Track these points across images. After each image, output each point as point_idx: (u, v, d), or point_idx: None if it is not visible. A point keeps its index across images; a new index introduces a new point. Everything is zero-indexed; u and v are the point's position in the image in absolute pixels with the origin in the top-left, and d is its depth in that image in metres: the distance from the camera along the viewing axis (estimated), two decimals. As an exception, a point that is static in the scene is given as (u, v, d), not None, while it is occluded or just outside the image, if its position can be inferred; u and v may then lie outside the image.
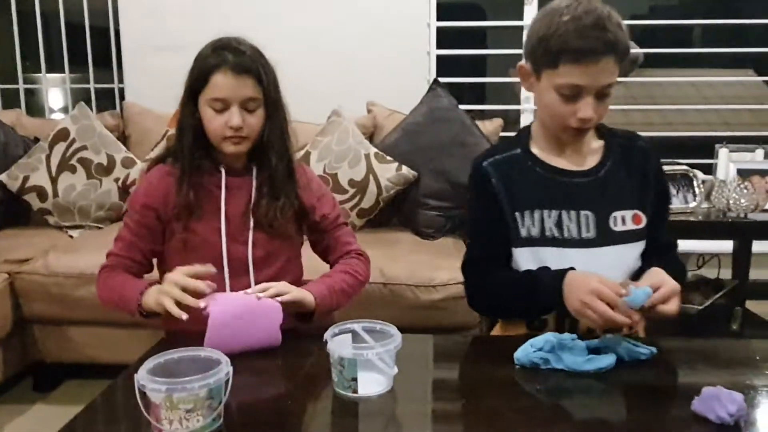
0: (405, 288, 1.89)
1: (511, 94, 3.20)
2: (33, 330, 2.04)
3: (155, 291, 1.16)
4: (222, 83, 1.22)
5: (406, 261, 1.98)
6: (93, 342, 2.03)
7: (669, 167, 2.22)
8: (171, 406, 0.82)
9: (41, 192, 2.39)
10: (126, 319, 1.92)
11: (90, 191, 2.39)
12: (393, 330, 1.01)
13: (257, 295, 1.13)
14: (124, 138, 2.59)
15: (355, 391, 0.95)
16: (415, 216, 2.35)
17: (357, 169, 2.29)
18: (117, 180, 2.41)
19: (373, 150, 2.33)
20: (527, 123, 1.25)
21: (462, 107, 2.43)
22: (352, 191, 2.29)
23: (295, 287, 1.21)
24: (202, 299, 1.09)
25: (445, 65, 2.85)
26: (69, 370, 2.16)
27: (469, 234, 1.35)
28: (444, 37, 2.83)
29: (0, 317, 1.93)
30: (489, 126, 2.49)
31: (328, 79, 2.72)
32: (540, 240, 1.20)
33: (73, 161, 2.40)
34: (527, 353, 1.04)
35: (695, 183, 2.25)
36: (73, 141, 2.41)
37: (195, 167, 1.27)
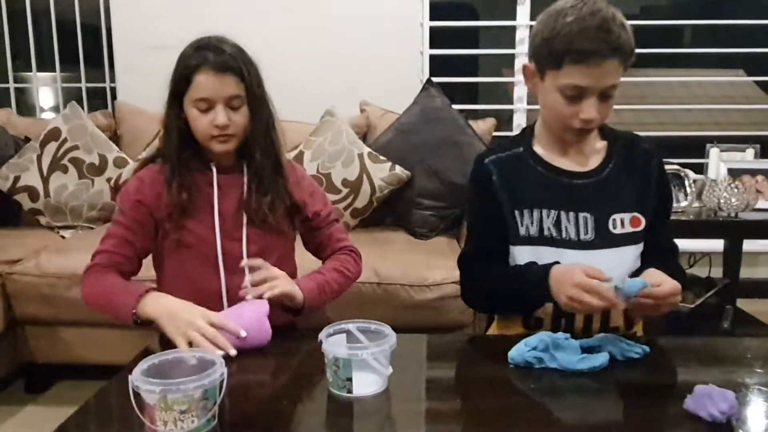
0: (399, 288, 1.89)
1: (504, 93, 3.21)
2: (25, 331, 2.03)
3: (176, 325, 1.12)
4: (205, 83, 1.22)
5: (399, 260, 1.98)
6: (85, 343, 2.02)
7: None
8: (165, 407, 0.82)
9: (32, 192, 2.37)
10: (119, 320, 1.93)
11: (82, 191, 2.38)
12: (387, 330, 1.01)
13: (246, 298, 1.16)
14: (116, 137, 2.57)
15: (350, 391, 0.95)
16: (409, 215, 2.35)
17: (350, 169, 2.29)
18: (109, 180, 2.40)
19: (367, 150, 2.34)
20: (520, 122, 1.26)
21: (455, 107, 2.43)
22: (345, 191, 2.29)
23: (286, 280, 1.23)
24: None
25: (438, 65, 2.85)
26: (61, 371, 2.15)
27: (468, 229, 1.36)
28: (436, 37, 2.83)
29: (-9, 318, 1.92)
30: (482, 125, 2.49)
31: (321, 79, 2.71)
32: (539, 239, 1.20)
33: (65, 161, 2.38)
34: (521, 352, 1.04)
35: (687, 182, 2.26)
36: (65, 140, 2.39)
37: (184, 167, 1.27)
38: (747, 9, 3.04)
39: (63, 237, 2.35)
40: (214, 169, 1.30)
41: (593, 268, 1.04)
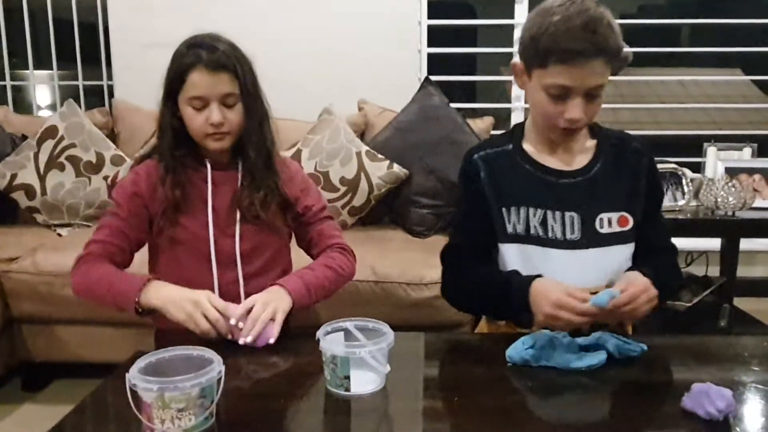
0: (396, 286, 1.89)
1: (502, 92, 3.21)
2: (21, 329, 2.02)
3: (182, 306, 1.12)
4: (199, 81, 1.23)
5: (397, 259, 1.98)
6: (82, 341, 2.01)
7: (658, 165, 2.23)
8: (163, 405, 0.82)
9: (29, 190, 2.36)
10: (116, 318, 1.93)
11: (79, 189, 2.38)
12: (385, 328, 1.01)
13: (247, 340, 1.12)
14: (113, 135, 2.57)
15: (348, 389, 0.95)
16: (407, 214, 2.35)
17: (348, 167, 2.29)
18: (106, 178, 2.39)
19: (365, 148, 2.33)
20: (518, 121, 1.25)
21: (453, 105, 2.43)
22: (343, 189, 2.29)
23: (275, 305, 1.17)
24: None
25: (436, 63, 2.85)
26: (58, 369, 2.15)
27: (454, 223, 1.36)
28: (434, 36, 2.83)
29: (-13, 316, 1.91)
30: (480, 124, 2.49)
31: (319, 77, 2.71)
32: (525, 237, 1.20)
33: (62, 159, 2.38)
34: (519, 351, 1.04)
35: (684, 181, 2.27)
36: (62, 138, 2.39)
37: (178, 165, 1.28)
38: (744, 8, 3.05)
39: (60, 235, 2.34)
40: (208, 166, 1.31)
41: (576, 289, 1.04)
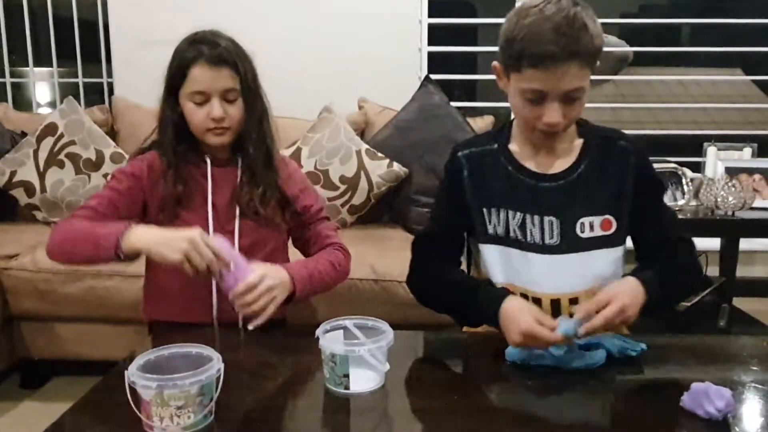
0: (396, 284, 1.89)
1: (502, 91, 3.21)
2: (20, 326, 2.02)
3: (176, 245, 1.10)
4: (200, 76, 1.24)
5: (397, 257, 1.97)
6: (81, 338, 2.01)
7: (658, 165, 2.24)
8: (162, 402, 0.82)
9: (29, 187, 2.36)
10: (115, 316, 1.93)
11: (78, 187, 2.37)
12: (385, 326, 1.01)
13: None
14: (113, 133, 2.56)
15: (347, 388, 0.95)
16: (406, 212, 2.35)
17: (348, 166, 2.29)
18: (106, 175, 2.39)
19: (365, 146, 2.33)
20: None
21: (453, 104, 2.43)
22: (343, 188, 2.29)
23: (276, 294, 1.19)
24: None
25: (436, 62, 2.85)
26: (57, 366, 2.14)
27: (431, 212, 1.35)
28: (435, 34, 2.83)
29: (-13, 313, 1.91)
30: (480, 123, 2.49)
31: (319, 76, 2.71)
32: (506, 240, 1.19)
33: (61, 156, 2.37)
34: (518, 350, 1.04)
35: (684, 181, 2.27)
36: (62, 136, 2.38)
37: (180, 160, 1.29)
38: (745, 8, 3.04)
39: (59, 232, 2.34)
40: (208, 162, 1.32)
41: (544, 316, 1.03)
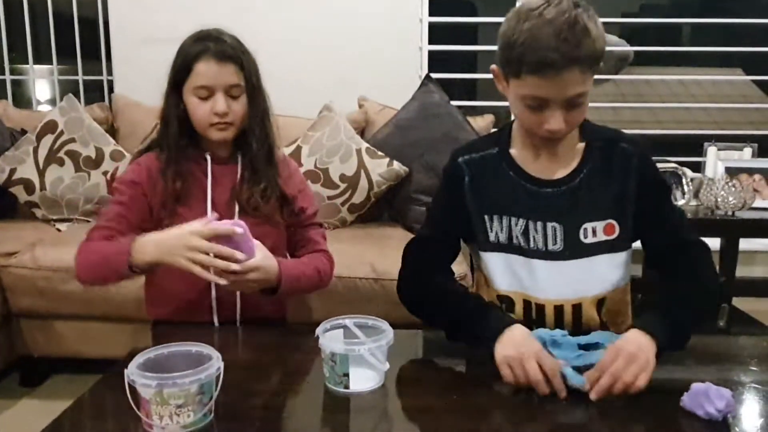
0: (396, 283, 1.89)
1: (500, 91, 3.20)
2: (20, 324, 2.02)
3: (178, 253, 1.11)
4: (205, 71, 1.25)
5: (397, 256, 1.93)
6: (81, 336, 2.01)
7: (658, 165, 2.23)
8: (161, 401, 0.82)
9: (28, 185, 2.36)
10: (114, 314, 1.93)
11: (78, 184, 2.37)
12: (385, 325, 1.02)
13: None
14: (112, 131, 2.56)
15: (347, 387, 0.95)
16: (406, 211, 2.35)
17: (348, 164, 2.29)
18: (106, 173, 2.39)
19: (365, 145, 2.33)
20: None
21: (453, 103, 2.43)
22: (343, 186, 2.29)
23: (264, 278, 1.20)
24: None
25: (437, 61, 2.85)
26: (56, 364, 2.14)
27: (427, 217, 1.33)
28: (435, 33, 2.82)
29: (-14, 311, 1.91)
30: (480, 122, 2.49)
31: (319, 74, 2.70)
32: (509, 247, 1.17)
33: (61, 154, 2.37)
34: None
35: (684, 181, 2.27)
36: (61, 133, 2.38)
37: (181, 156, 1.30)
38: (746, 8, 3.04)
39: (59, 230, 2.34)
40: (208, 159, 1.32)
41: (547, 356, 0.98)
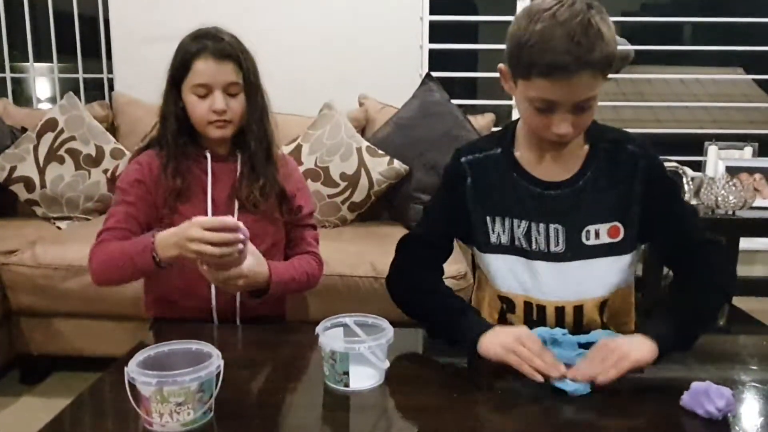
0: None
1: (503, 89, 3.20)
2: (20, 322, 2.02)
3: (184, 246, 1.09)
4: (204, 69, 1.25)
5: (397, 255, 1.97)
6: (81, 334, 2.01)
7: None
8: (161, 399, 0.82)
9: (28, 182, 2.36)
10: (114, 311, 1.93)
11: (78, 182, 2.37)
12: (385, 324, 1.02)
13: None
14: (113, 129, 2.56)
15: (347, 385, 0.95)
16: (407, 210, 2.35)
17: (348, 163, 2.29)
18: (106, 171, 2.39)
19: (365, 144, 2.33)
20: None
21: (454, 102, 2.43)
22: (343, 185, 2.28)
23: (251, 283, 1.20)
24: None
25: (437, 59, 2.85)
26: (56, 362, 2.14)
27: (425, 215, 1.31)
28: (436, 31, 2.82)
29: (-14, 309, 1.91)
30: (481, 121, 2.49)
31: (320, 72, 2.70)
32: (510, 249, 1.17)
33: (61, 152, 2.37)
34: None
35: (685, 180, 2.27)
36: (62, 131, 2.38)
37: (180, 154, 1.30)
38: (746, 7, 3.04)
39: (59, 228, 2.34)
40: (208, 156, 1.33)
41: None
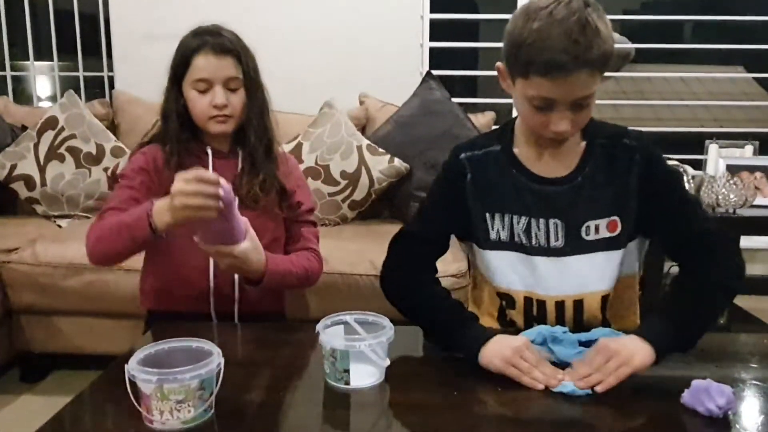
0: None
1: (504, 89, 3.20)
2: (20, 320, 2.02)
3: (171, 206, 1.09)
4: (204, 64, 1.27)
5: (397, 253, 1.97)
6: (81, 332, 2.01)
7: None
8: (162, 396, 0.82)
9: (29, 181, 2.36)
10: (115, 310, 1.93)
11: (79, 180, 2.37)
12: (385, 321, 1.02)
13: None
14: (113, 127, 2.56)
15: (348, 383, 0.95)
16: (407, 208, 2.35)
17: (349, 161, 2.29)
18: (106, 169, 2.39)
19: (366, 142, 2.33)
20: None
21: (454, 100, 2.43)
22: (344, 183, 2.28)
23: (244, 268, 1.22)
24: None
25: (438, 58, 2.84)
26: (57, 360, 2.14)
27: (420, 211, 1.29)
28: (436, 30, 2.82)
29: (-13, 307, 1.91)
30: (481, 119, 2.49)
31: (320, 71, 2.70)
32: (510, 244, 1.17)
33: (62, 150, 2.37)
34: None
35: (685, 178, 2.26)
36: (62, 129, 2.38)
37: (183, 150, 1.31)
38: (747, 6, 3.04)
39: (59, 226, 2.34)
40: (209, 152, 1.34)
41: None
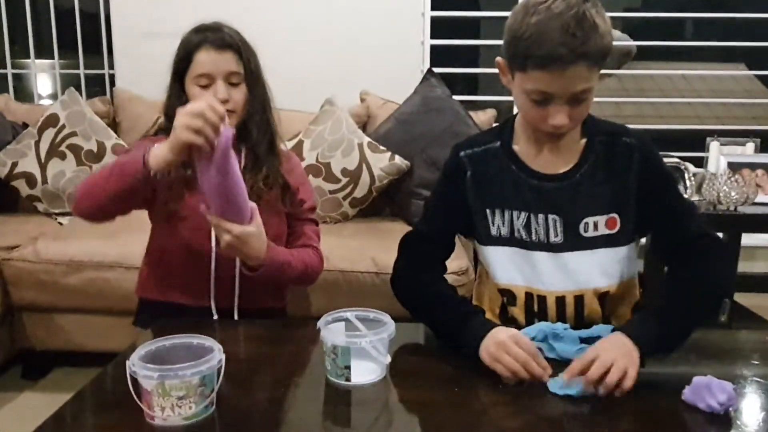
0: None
1: (504, 85, 3.20)
2: (22, 317, 2.02)
3: (175, 133, 1.07)
4: (205, 59, 1.28)
5: (398, 251, 1.97)
6: (82, 329, 2.01)
7: (661, 160, 2.23)
8: (163, 393, 0.82)
9: (30, 178, 2.36)
10: (116, 307, 1.93)
11: (80, 178, 2.37)
12: (386, 318, 1.02)
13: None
14: (114, 124, 2.56)
15: (348, 380, 0.95)
16: (408, 206, 2.35)
17: (350, 159, 2.28)
18: (107, 167, 2.39)
19: (366, 139, 2.33)
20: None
21: (455, 97, 2.43)
22: (345, 180, 2.28)
23: (247, 250, 1.21)
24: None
25: (439, 55, 2.84)
26: (58, 357, 2.15)
27: (425, 211, 1.33)
28: (437, 27, 2.82)
29: (-12, 304, 1.91)
30: (482, 116, 2.49)
31: (321, 68, 2.70)
32: (510, 240, 1.18)
33: (63, 147, 2.37)
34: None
35: (686, 176, 2.26)
36: (63, 127, 2.38)
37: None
38: (748, 3, 3.03)
39: (60, 224, 2.34)
40: None
41: (525, 339, 0.99)
